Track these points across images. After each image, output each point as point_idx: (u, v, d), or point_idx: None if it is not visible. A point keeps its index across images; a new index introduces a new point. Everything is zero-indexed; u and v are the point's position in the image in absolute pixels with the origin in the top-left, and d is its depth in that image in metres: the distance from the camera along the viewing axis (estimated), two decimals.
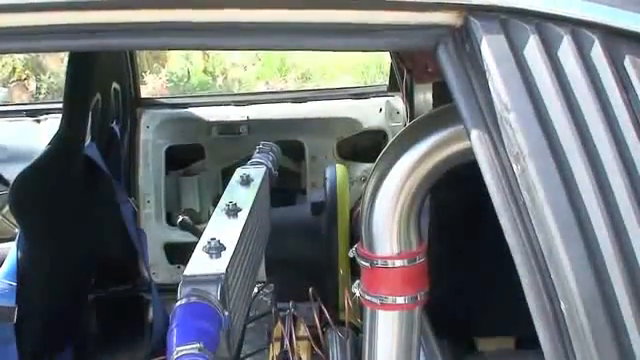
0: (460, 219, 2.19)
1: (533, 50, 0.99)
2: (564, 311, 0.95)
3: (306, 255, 2.74)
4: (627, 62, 1.00)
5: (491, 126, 0.99)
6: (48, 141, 2.65)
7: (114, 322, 3.13)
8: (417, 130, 1.36)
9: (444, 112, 1.31)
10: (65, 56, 3.23)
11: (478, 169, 1.05)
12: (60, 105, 2.79)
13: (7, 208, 2.92)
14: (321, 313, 2.38)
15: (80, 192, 2.86)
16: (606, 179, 0.97)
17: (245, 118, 3.63)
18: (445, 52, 1.03)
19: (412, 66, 2.17)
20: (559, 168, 0.96)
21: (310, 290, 2.38)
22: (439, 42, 1.03)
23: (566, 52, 0.99)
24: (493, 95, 0.98)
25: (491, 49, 0.99)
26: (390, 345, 1.45)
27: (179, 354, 1.28)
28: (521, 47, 0.99)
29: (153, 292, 2.90)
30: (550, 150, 0.96)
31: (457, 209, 2.19)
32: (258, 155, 2.48)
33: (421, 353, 1.53)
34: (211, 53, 8.36)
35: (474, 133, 1.01)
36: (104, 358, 2.78)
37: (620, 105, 0.99)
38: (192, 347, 1.29)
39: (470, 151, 1.10)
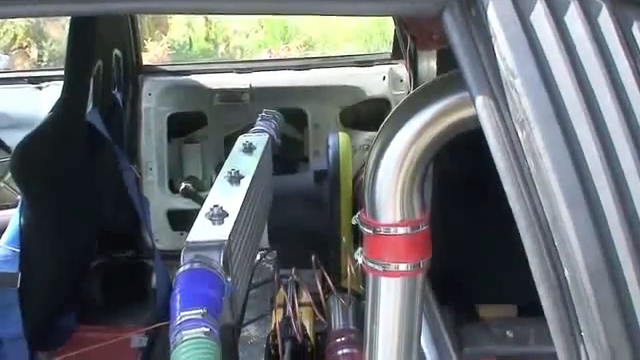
0: (463, 187, 2.18)
1: (540, 15, 0.98)
2: (568, 278, 0.95)
3: (308, 223, 2.75)
4: (635, 28, 0.99)
5: (496, 92, 0.98)
6: (50, 108, 2.64)
7: (117, 288, 3.14)
8: (421, 97, 1.35)
9: (448, 79, 1.30)
10: (66, 23, 3.21)
11: (481, 137, 1.04)
12: (62, 72, 2.78)
13: (9, 175, 2.93)
14: (323, 280, 2.39)
15: (82, 159, 2.86)
16: (612, 146, 0.96)
17: (247, 86, 3.62)
18: (451, 17, 1.02)
19: (416, 33, 2.14)
20: (564, 134, 0.95)
21: (312, 257, 2.39)
22: (445, 7, 1.02)
23: (573, 17, 0.98)
24: (499, 61, 0.97)
25: (497, 14, 0.98)
26: (392, 312, 1.46)
27: (182, 319, 1.29)
28: (528, 12, 0.98)
29: (156, 258, 2.91)
30: (556, 116, 0.95)
31: (460, 177, 2.19)
32: (260, 123, 2.48)
33: (423, 320, 1.53)
34: (213, 20, 8.31)
35: (479, 99, 1.00)
36: (107, 324, 2.80)
37: (627, 71, 0.98)
38: (195, 312, 1.30)
39: (474, 119, 1.09)
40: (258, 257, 3.29)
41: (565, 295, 0.96)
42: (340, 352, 2.22)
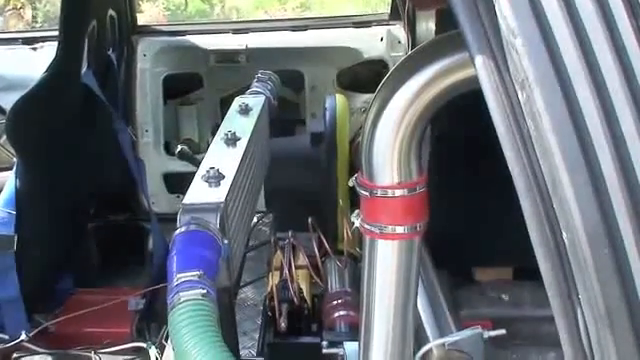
0: (460, 150, 2.18)
1: None
2: (566, 241, 0.94)
3: (305, 185, 2.75)
4: None
5: (497, 52, 0.97)
6: (44, 69, 2.62)
7: (114, 251, 3.15)
8: (419, 58, 1.33)
9: (447, 39, 1.28)
10: None
11: (480, 100, 1.03)
12: (56, 33, 2.75)
13: (4, 137, 2.91)
14: (320, 243, 2.40)
15: (77, 120, 2.84)
16: (612, 108, 0.94)
17: (244, 47, 3.58)
18: None
19: None
20: (565, 96, 0.93)
21: (309, 220, 2.39)
22: None
23: None
24: (500, 19, 0.95)
25: None
26: (389, 274, 1.45)
27: (179, 281, 1.29)
28: None
29: (152, 221, 2.91)
30: (556, 77, 0.93)
31: (457, 140, 2.18)
32: (257, 84, 2.46)
33: (419, 283, 1.53)
34: None
35: (479, 59, 0.98)
36: (104, 286, 2.80)
37: (629, 32, 0.96)
38: (192, 274, 1.29)
39: (473, 79, 1.08)
40: (255, 220, 3.30)
41: (563, 259, 0.95)
42: (337, 314, 2.23)
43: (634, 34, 0.96)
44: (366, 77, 3.68)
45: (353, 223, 1.45)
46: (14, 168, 2.51)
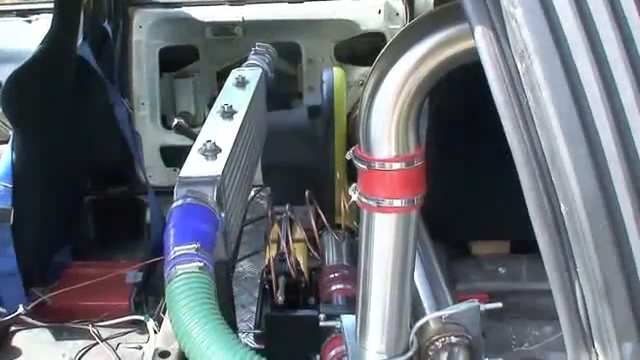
0: (458, 123, 2.17)
1: None
2: (564, 213, 0.93)
3: (302, 159, 2.74)
4: None
5: (496, 22, 0.96)
6: (40, 41, 2.59)
7: (111, 224, 3.15)
8: (418, 29, 1.32)
9: (446, 10, 1.26)
10: None
11: (478, 72, 1.02)
12: (51, 4, 2.72)
13: (0, 110, 2.89)
14: (317, 216, 2.40)
15: (73, 92, 2.82)
16: (612, 79, 0.94)
17: (240, 19, 3.55)
18: None
19: None
20: (565, 67, 0.92)
21: (306, 193, 2.39)
22: None
23: None
24: None
25: None
26: (386, 248, 1.45)
27: (176, 254, 1.28)
28: None
29: (149, 194, 2.90)
30: (556, 48, 0.92)
31: (455, 113, 2.17)
32: (253, 57, 2.44)
33: (416, 256, 1.53)
34: None
35: (478, 30, 0.97)
36: (101, 259, 2.81)
37: (629, 2, 0.95)
38: (189, 247, 1.29)
39: (472, 51, 1.07)
40: (252, 194, 3.29)
41: (561, 231, 0.95)
42: (334, 288, 2.24)
43: (635, 4, 0.95)
44: (364, 50, 3.65)
45: (350, 196, 1.45)
46: (10, 141, 2.50)
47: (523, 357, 2.12)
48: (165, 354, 2.04)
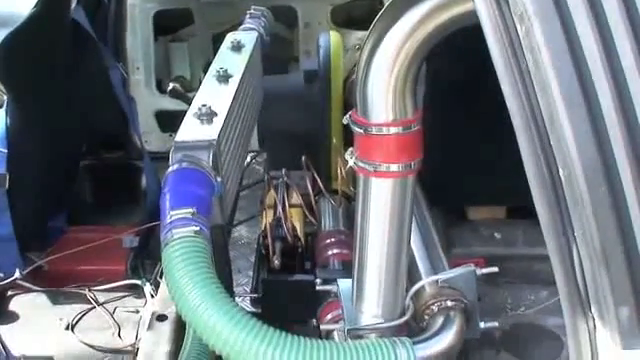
0: (456, 88, 2.15)
1: None
2: (563, 178, 0.93)
3: (299, 124, 2.73)
4: None
5: None
6: (33, 4, 2.56)
7: (107, 189, 3.14)
8: None
9: None
10: None
11: (477, 36, 1.01)
12: None
13: None
14: (314, 181, 2.39)
15: (67, 57, 2.79)
16: (612, 42, 0.93)
17: None
18: None
19: None
20: (564, 29, 0.91)
21: (303, 158, 2.38)
22: None
23: None
24: None
25: None
26: (382, 213, 1.45)
27: (172, 218, 1.28)
28: None
29: (145, 158, 2.89)
30: (556, 10, 0.91)
31: (453, 77, 2.15)
32: (249, 20, 2.42)
33: (413, 221, 1.53)
34: None
35: None
36: (98, 224, 2.80)
37: None
38: (185, 212, 1.29)
39: (471, 14, 1.06)
40: (248, 159, 3.28)
41: (559, 196, 0.95)
42: (330, 252, 2.24)
43: None
44: (361, 13, 3.62)
45: (347, 162, 1.44)
46: (4, 106, 2.48)
47: (518, 321, 2.14)
48: (162, 318, 2.05)
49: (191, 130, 1.55)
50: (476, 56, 1.14)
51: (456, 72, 2.11)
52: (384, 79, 1.32)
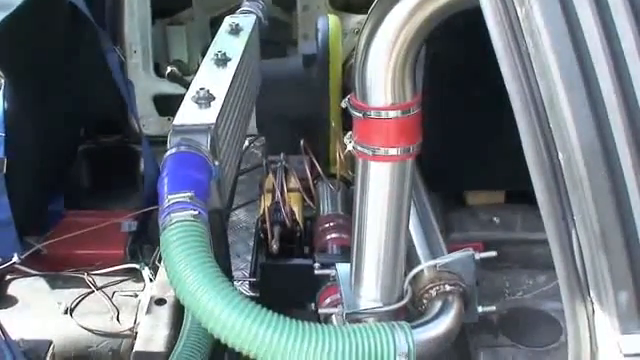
0: (455, 71, 2.14)
1: None
2: (562, 161, 0.93)
3: (297, 108, 2.72)
4: None
5: None
6: None
7: (105, 173, 3.13)
8: None
9: None
10: None
11: (476, 19, 1.00)
12: None
13: None
14: (312, 165, 2.39)
15: (64, 39, 2.78)
16: (613, 25, 0.92)
17: None
18: None
19: None
20: (564, 12, 0.91)
21: (301, 143, 2.37)
22: None
23: None
24: None
25: None
26: (381, 197, 1.45)
27: (170, 202, 1.28)
28: None
29: (143, 142, 2.87)
30: None
31: (453, 61, 2.14)
32: (247, 3, 2.40)
33: (411, 205, 1.53)
34: None
35: None
36: (96, 209, 2.80)
37: None
38: (183, 196, 1.28)
39: None
40: (247, 143, 3.28)
41: (558, 179, 0.94)
42: (328, 237, 2.24)
43: None
44: None
45: (345, 146, 1.44)
46: (1, 89, 2.46)
47: (517, 306, 2.14)
48: (161, 302, 2.05)
49: (189, 114, 1.55)
50: (476, 39, 1.13)
51: (455, 55, 2.10)
52: (383, 63, 1.31)
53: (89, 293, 2.28)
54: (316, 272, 1.88)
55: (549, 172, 0.94)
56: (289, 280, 2.25)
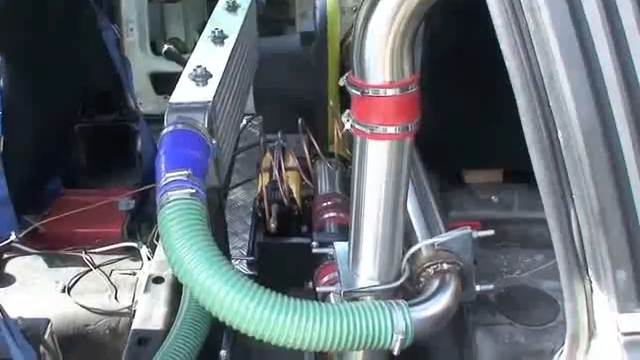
0: (454, 49, 2.13)
1: None
2: (561, 140, 0.92)
3: (295, 86, 2.71)
4: None
5: None
6: None
7: (102, 152, 3.13)
8: None
9: None
10: None
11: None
12: None
13: None
14: (310, 144, 2.38)
15: (61, 17, 2.76)
16: (613, 2, 0.91)
17: None
18: None
19: None
20: None
21: (299, 121, 2.36)
22: None
23: None
24: None
25: None
26: (379, 175, 1.44)
27: (167, 180, 1.27)
28: None
29: (140, 120, 2.87)
30: None
31: (451, 39, 2.13)
32: None
33: (409, 184, 1.52)
34: None
35: None
36: (93, 187, 2.79)
37: None
38: (180, 174, 1.28)
39: None
40: (244, 122, 3.27)
41: (557, 158, 0.94)
42: (326, 216, 2.24)
43: None
44: None
45: (343, 124, 1.43)
46: None
47: (514, 284, 2.14)
48: (159, 280, 2.06)
49: (186, 92, 1.54)
50: (475, 16, 1.12)
51: (455, 33, 2.08)
52: (381, 41, 1.30)
53: (87, 271, 2.29)
54: (314, 251, 1.88)
55: (548, 150, 0.93)
56: (287, 259, 2.25)
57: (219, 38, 1.79)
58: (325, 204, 2.29)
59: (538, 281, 2.14)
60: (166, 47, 3.08)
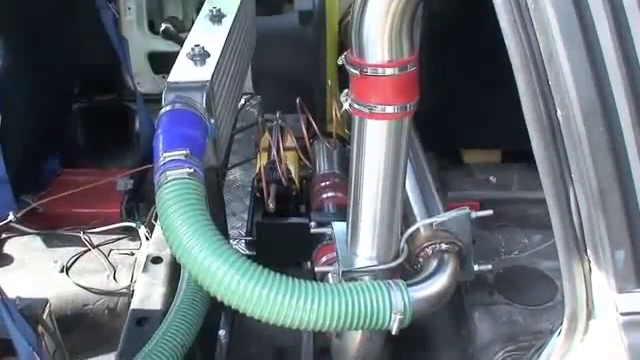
0: (453, 28, 2.12)
1: None
2: (560, 118, 0.92)
3: (293, 65, 2.69)
4: None
5: None
6: None
7: (101, 131, 3.12)
8: None
9: None
10: None
11: None
12: None
13: None
14: (309, 124, 2.37)
15: None
16: None
17: None
18: None
19: None
20: None
21: (298, 101, 2.35)
22: None
23: None
24: None
25: None
26: (377, 155, 1.44)
27: (165, 160, 1.27)
28: None
29: (138, 100, 2.86)
30: None
31: (450, 17, 2.12)
32: None
33: (408, 164, 1.52)
34: None
35: None
36: (92, 167, 2.79)
37: None
38: (178, 153, 1.28)
39: None
40: (242, 101, 3.25)
41: (556, 137, 0.93)
42: (325, 196, 2.24)
43: None
44: None
45: (342, 104, 1.42)
46: None
47: (512, 264, 2.15)
48: (157, 260, 2.06)
49: (184, 71, 1.53)
50: None
51: (454, 11, 2.07)
52: (380, 19, 1.29)
53: (85, 251, 2.29)
54: (312, 231, 1.88)
55: (547, 130, 0.93)
56: (285, 239, 2.25)
57: (217, 17, 1.78)
58: (323, 184, 2.28)
59: (537, 261, 2.14)
60: (164, 26, 3.06)
